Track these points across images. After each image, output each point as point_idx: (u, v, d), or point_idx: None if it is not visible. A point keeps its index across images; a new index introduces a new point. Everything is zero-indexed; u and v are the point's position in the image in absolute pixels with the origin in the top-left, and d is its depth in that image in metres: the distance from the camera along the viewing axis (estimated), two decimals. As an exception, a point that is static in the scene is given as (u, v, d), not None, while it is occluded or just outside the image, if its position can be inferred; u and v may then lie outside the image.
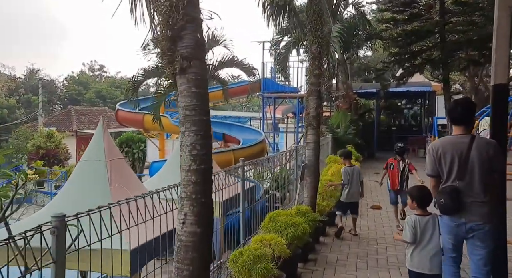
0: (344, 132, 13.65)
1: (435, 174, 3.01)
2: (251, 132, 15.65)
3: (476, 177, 2.83)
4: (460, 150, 2.85)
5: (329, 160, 8.71)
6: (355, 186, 5.90)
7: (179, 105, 2.14)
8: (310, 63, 5.47)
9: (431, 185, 3.12)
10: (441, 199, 2.89)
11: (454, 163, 2.88)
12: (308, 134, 5.45)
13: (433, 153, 3.00)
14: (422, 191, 3.15)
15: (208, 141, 2.16)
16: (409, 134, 19.98)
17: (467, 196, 2.83)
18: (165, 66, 2.11)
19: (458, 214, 2.84)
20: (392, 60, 15.67)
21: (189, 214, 2.01)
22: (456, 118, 2.96)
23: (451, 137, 3.00)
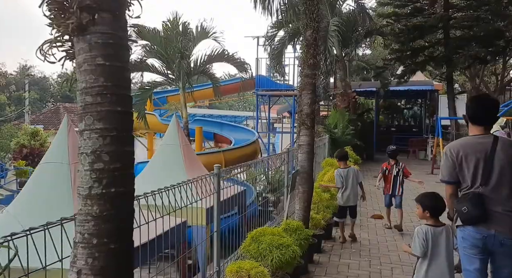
0: (342, 133, 12.85)
1: (454, 179, 2.63)
2: (244, 132, 14.81)
3: (504, 182, 2.49)
4: (484, 152, 2.50)
5: (326, 163, 7.91)
6: (351, 189, 5.55)
7: (77, 87, 1.29)
8: (303, 51, 4.65)
9: (447, 193, 2.72)
10: (463, 207, 2.51)
11: (478, 167, 2.52)
12: (300, 135, 4.62)
13: (451, 156, 2.60)
14: (435, 198, 2.85)
15: (125, 147, 1.31)
16: (409, 135, 19.23)
17: (495, 204, 2.47)
18: (57, 24, 1.27)
19: (486, 223, 2.47)
20: (393, 57, 14.90)
21: (85, 271, 1.18)
22: (478, 117, 2.60)
23: (470, 138, 2.63)
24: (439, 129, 11.75)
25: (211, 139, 15.24)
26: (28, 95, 26.14)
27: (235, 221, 5.57)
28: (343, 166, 5.72)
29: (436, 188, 10.15)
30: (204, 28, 10.38)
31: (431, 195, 2.93)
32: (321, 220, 4.91)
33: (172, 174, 6.96)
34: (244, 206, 7.39)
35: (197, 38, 10.40)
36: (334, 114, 13.91)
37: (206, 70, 11.02)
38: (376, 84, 17.39)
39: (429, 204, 2.83)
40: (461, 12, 13.72)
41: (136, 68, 10.42)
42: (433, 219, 2.82)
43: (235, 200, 5.51)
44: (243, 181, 9.21)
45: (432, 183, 11.20)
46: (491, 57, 13.56)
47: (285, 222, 4.07)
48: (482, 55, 13.62)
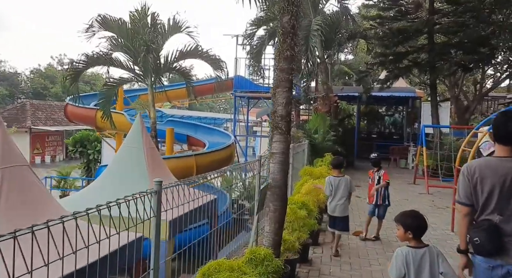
0: (322, 139, 12.18)
1: (469, 202, 2.43)
2: (220, 135, 13.93)
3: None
4: (504, 177, 2.30)
5: (304, 172, 7.15)
6: (339, 199, 5.32)
7: None
8: (279, 41, 3.86)
9: (460, 214, 2.54)
10: (475, 237, 2.35)
11: (493, 193, 2.33)
12: (273, 141, 3.83)
13: (468, 176, 2.41)
14: (417, 217, 2.62)
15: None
16: (390, 142, 18.83)
17: (507, 234, 2.30)
18: None
19: (496, 255, 2.32)
20: (376, 62, 14.39)
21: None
22: (507, 136, 2.35)
23: (493, 160, 2.41)
24: (422, 137, 11.23)
25: (184, 141, 14.29)
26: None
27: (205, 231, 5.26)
28: (336, 174, 5.47)
29: (420, 199, 9.55)
30: (177, 22, 9.50)
31: (413, 214, 2.68)
32: (295, 242, 4.11)
33: (133, 180, 6.19)
34: (215, 215, 6.65)
35: (169, 32, 9.48)
36: (315, 118, 13.25)
37: (179, 68, 10.12)
38: (358, 89, 16.89)
39: (411, 223, 2.58)
40: (446, 18, 13.34)
41: (101, 62, 9.41)
42: (415, 240, 2.57)
43: (205, 210, 5.05)
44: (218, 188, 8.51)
45: (415, 193, 10.70)
46: (474, 65, 13.24)
47: (250, 250, 3.25)
48: (466, 62, 13.27)
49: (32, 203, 3.76)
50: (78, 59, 8.57)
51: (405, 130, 20.21)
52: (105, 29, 8.82)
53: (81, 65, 8.74)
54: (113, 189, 5.87)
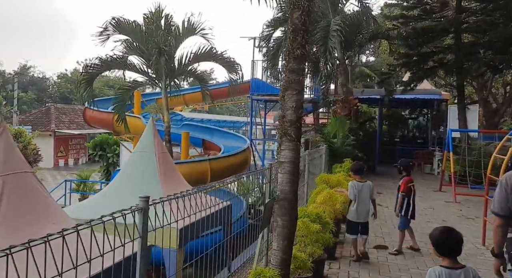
0: (341, 143, 11.70)
1: (504, 213, 2.38)
2: (236, 139, 13.66)
3: None
4: None
5: (320, 179, 6.74)
6: (363, 204, 5.22)
7: None
8: (289, 39, 3.53)
9: (495, 224, 2.47)
10: None
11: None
12: (282, 149, 3.49)
13: (505, 187, 2.37)
14: (443, 234, 2.39)
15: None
16: (414, 147, 18.06)
17: None
18: None
19: None
20: (400, 63, 13.77)
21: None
22: None
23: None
24: (449, 142, 10.57)
25: (200, 145, 14.12)
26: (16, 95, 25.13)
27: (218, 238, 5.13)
28: (359, 179, 5.35)
29: (446, 208, 8.93)
30: (192, 24, 9.31)
31: (440, 230, 2.45)
32: (307, 260, 3.75)
33: (143, 187, 6.01)
34: (230, 222, 6.39)
35: (183, 34, 9.30)
36: (334, 122, 12.77)
37: (193, 71, 9.93)
38: (379, 92, 16.25)
39: (436, 240, 2.39)
40: (474, 16, 12.60)
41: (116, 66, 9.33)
42: (448, 260, 2.34)
43: (218, 216, 4.80)
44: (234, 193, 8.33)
45: (441, 201, 10.05)
46: (505, 66, 12.42)
47: (255, 272, 2.91)
48: (496, 63, 12.47)
49: (33, 211, 3.60)
50: (92, 63, 8.51)
51: (430, 134, 19.34)
52: (120, 32, 8.74)
53: (95, 69, 8.68)
54: (122, 196, 5.71)
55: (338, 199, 5.44)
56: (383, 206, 9.10)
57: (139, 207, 2.11)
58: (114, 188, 6.59)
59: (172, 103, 16.86)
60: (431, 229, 2.57)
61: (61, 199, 13.95)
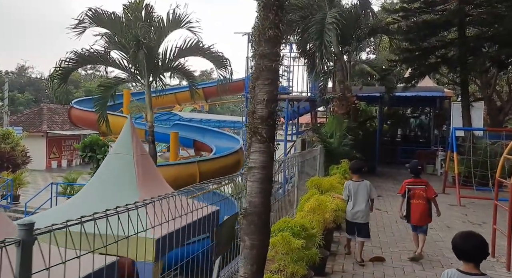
0: (338, 143, 11.05)
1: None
2: (229, 139, 13.03)
3: None
4: None
5: (311, 184, 6.10)
6: (358, 204, 5.06)
7: None
8: (259, 17, 2.91)
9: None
10: None
11: None
12: (251, 152, 2.87)
13: None
14: (463, 237, 2.32)
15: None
16: (416, 146, 17.39)
17: None
18: None
19: None
20: (400, 59, 13.11)
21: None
22: None
23: None
24: (453, 141, 9.92)
25: (191, 146, 13.50)
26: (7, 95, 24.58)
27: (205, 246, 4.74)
28: (356, 179, 5.22)
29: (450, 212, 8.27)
30: (177, 16, 8.69)
31: (459, 233, 2.40)
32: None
33: (119, 192, 5.47)
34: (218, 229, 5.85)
35: (168, 28, 8.66)
36: (331, 121, 12.13)
37: (180, 67, 9.32)
38: (379, 90, 15.60)
39: (452, 242, 2.39)
40: (478, 8, 11.93)
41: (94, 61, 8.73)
42: (467, 264, 2.27)
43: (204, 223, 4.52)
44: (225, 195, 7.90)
45: (445, 205, 9.38)
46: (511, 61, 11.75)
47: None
48: (502, 58, 11.80)
49: None
50: (67, 57, 7.89)
51: (433, 133, 18.65)
52: (97, 25, 8.13)
53: (71, 64, 8.07)
54: (96, 199, 5.25)
55: (328, 206, 4.82)
56: (381, 210, 8.46)
57: (16, 240, 1.47)
58: (86, 192, 6.06)
59: (162, 102, 16.28)
60: (434, 237, 2.43)
61: (46, 202, 13.38)
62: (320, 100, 12.75)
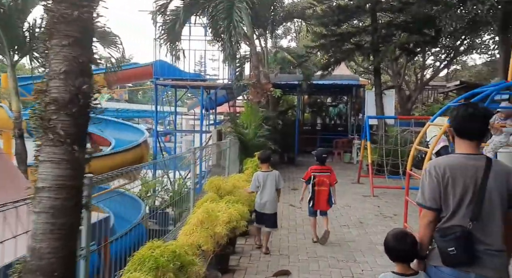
0: (254, 134, 10.23)
1: (437, 206, 2.08)
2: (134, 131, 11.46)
3: (494, 217, 2.03)
4: (475, 177, 2.03)
5: (209, 186, 5.06)
6: (267, 194, 5.05)
7: None
8: None
9: (424, 220, 2.13)
10: (450, 247, 2.00)
11: (466, 195, 2.03)
12: (40, 160, 1.66)
13: (436, 176, 2.07)
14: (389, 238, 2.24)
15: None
16: (334, 135, 17.51)
17: (479, 242, 2.02)
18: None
19: (467, 266, 2.01)
20: (317, 45, 12.70)
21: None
22: (471, 130, 2.10)
23: (459, 158, 2.10)
24: (366, 130, 9.71)
25: (86, 140, 11.61)
26: None
27: None
28: (265, 169, 5.22)
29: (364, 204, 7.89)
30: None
31: (391, 233, 2.26)
32: None
33: None
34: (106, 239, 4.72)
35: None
36: (247, 111, 11.26)
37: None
38: (299, 77, 15.20)
39: (385, 244, 2.25)
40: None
41: None
42: (401, 266, 2.19)
43: None
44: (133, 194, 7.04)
45: (359, 196, 9.13)
46: (420, 48, 12.04)
47: None
48: (411, 45, 11.99)
49: None
50: None
51: (350, 121, 19.02)
52: None
53: None
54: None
55: (219, 217, 3.83)
56: (296, 206, 7.81)
57: None
58: None
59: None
60: (347, 236, 2.16)
61: None
62: (236, 88, 11.80)
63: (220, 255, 4.08)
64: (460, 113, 2.13)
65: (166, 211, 10.45)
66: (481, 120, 2.10)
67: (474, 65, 34.46)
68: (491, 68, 26.89)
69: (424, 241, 2.15)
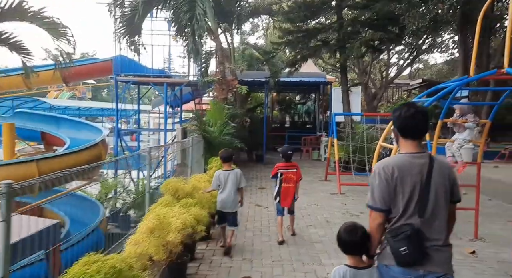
0: (220, 132, 9.90)
1: (387, 206, 2.08)
2: (91, 130, 10.79)
3: (440, 212, 2.08)
4: (420, 175, 2.08)
5: (166, 188, 4.66)
6: (228, 193, 4.97)
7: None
8: None
9: (374, 222, 2.13)
10: (402, 247, 2.00)
11: (414, 193, 2.07)
12: None
13: (385, 177, 2.08)
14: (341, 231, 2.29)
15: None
16: (303, 132, 17.49)
17: (427, 238, 2.05)
18: None
19: (416, 264, 2.03)
20: (284, 41, 12.51)
21: None
22: (413, 129, 2.15)
23: (405, 157, 2.13)
24: (333, 127, 9.63)
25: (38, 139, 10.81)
26: None
27: None
28: (227, 168, 5.14)
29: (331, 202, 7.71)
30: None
31: (343, 226, 2.31)
32: None
33: None
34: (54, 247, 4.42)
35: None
36: (213, 108, 10.89)
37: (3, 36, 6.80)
38: (266, 74, 14.97)
39: (338, 237, 2.30)
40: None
41: None
42: (353, 258, 2.24)
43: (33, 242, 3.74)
44: None
45: (326, 194, 9.01)
46: (384, 45, 12.15)
47: None
48: (376, 42, 12.07)
49: None
50: None
51: (318, 118, 19.07)
52: None
53: None
54: None
55: (172, 224, 3.48)
56: (262, 206, 7.57)
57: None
58: None
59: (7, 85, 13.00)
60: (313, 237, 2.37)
61: None
62: (201, 84, 11.39)
63: (176, 264, 3.74)
64: (403, 113, 2.15)
65: (127, 214, 9.93)
66: (422, 119, 2.13)
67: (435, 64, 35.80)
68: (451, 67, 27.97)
69: (374, 242, 2.16)
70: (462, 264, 4.56)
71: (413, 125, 2.14)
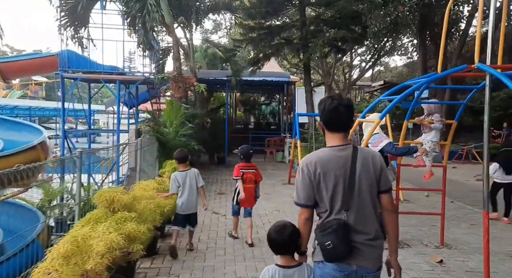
0: (175, 134, 9.18)
1: (311, 202, 2.10)
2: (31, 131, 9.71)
3: (366, 204, 2.05)
4: (344, 168, 2.06)
5: (99, 199, 3.91)
6: (189, 194, 4.81)
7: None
8: None
9: (301, 218, 2.14)
10: (327, 241, 1.99)
11: (338, 187, 2.05)
12: None
13: (308, 173, 2.08)
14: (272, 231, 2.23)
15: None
16: (267, 134, 17.06)
17: (356, 232, 2.02)
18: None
19: (348, 258, 2.02)
20: (245, 38, 12.00)
21: None
22: (337, 122, 2.12)
23: (329, 151, 2.11)
24: (296, 128, 9.23)
25: (-34, 143, 9.57)
26: None
27: None
28: (183, 168, 4.96)
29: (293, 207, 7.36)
30: None
31: (273, 227, 2.27)
32: None
33: None
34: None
35: None
36: (169, 108, 10.14)
37: None
38: (228, 73, 14.39)
39: (267, 238, 2.26)
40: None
41: None
42: (283, 258, 2.23)
43: None
44: None
45: (288, 199, 8.53)
46: (347, 45, 11.97)
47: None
48: (339, 41, 11.85)
49: None
50: None
51: (282, 119, 18.75)
52: None
53: None
54: None
55: (93, 247, 2.81)
56: (220, 213, 6.97)
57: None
58: None
59: None
60: None
61: None
62: (157, 82, 10.60)
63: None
64: (327, 106, 2.11)
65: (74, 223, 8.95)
66: (345, 111, 2.08)
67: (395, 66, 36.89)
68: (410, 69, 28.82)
69: (303, 238, 2.16)
70: (430, 276, 4.23)
71: (337, 118, 2.10)
